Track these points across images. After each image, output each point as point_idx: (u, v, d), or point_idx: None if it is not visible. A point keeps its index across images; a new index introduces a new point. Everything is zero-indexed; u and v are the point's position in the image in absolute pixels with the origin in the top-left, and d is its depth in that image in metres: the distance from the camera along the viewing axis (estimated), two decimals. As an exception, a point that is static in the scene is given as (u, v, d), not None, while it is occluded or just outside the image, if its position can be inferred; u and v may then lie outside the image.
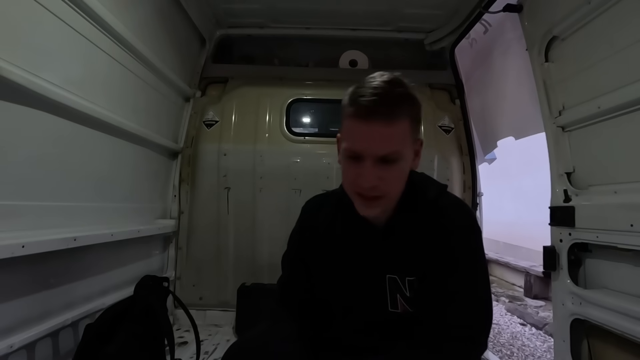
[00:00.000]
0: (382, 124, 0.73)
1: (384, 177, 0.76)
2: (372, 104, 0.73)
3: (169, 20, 1.92)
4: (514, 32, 1.95)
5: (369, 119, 0.73)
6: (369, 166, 0.75)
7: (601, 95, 1.29)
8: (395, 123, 0.74)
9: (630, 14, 1.17)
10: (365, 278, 0.89)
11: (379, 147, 0.74)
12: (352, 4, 2.12)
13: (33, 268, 1.17)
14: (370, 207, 0.81)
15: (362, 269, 0.89)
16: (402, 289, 0.85)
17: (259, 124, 2.34)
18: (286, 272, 1.07)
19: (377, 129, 0.73)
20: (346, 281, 0.92)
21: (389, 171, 0.76)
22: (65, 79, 1.26)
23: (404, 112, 0.75)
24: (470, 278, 0.82)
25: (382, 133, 0.73)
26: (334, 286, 0.96)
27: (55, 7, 1.18)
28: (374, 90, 0.74)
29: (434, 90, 2.44)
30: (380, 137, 0.73)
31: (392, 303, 0.87)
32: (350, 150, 0.77)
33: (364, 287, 0.90)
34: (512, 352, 3.08)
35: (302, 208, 1.07)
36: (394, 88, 0.76)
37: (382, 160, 0.75)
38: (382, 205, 0.81)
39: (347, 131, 0.78)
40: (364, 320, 0.92)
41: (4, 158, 1.07)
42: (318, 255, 0.97)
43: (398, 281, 0.85)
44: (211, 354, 1.76)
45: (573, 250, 1.42)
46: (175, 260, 2.22)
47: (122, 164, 1.69)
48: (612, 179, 1.30)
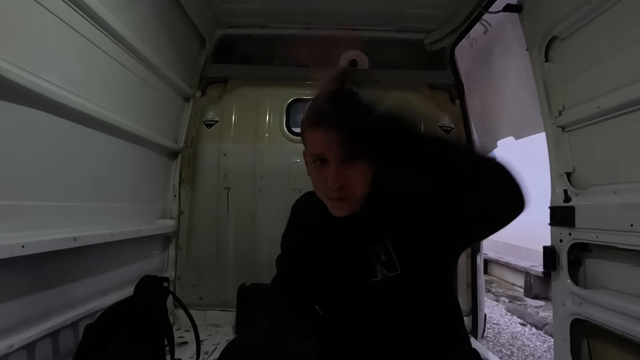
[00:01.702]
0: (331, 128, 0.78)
1: (349, 177, 0.80)
2: (318, 110, 0.80)
3: (169, 20, 1.92)
4: (514, 32, 1.94)
5: (322, 124, 0.79)
6: (334, 167, 0.80)
7: (601, 95, 1.29)
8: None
9: (630, 14, 1.17)
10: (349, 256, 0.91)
11: (338, 147, 0.78)
12: (352, 4, 2.12)
13: (33, 268, 1.17)
14: (341, 208, 0.85)
15: (347, 248, 0.92)
16: (380, 257, 0.88)
17: (259, 124, 2.34)
18: (280, 270, 1.10)
19: (329, 134, 0.78)
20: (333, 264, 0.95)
21: (353, 170, 0.80)
22: (65, 78, 1.26)
23: None
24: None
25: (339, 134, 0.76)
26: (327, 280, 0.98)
27: (55, 7, 1.18)
28: (324, 98, 0.80)
29: (434, 90, 2.44)
30: (333, 140, 0.78)
31: (373, 273, 0.88)
32: (316, 158, 0.82)
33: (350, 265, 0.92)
34: (512, 352, 3.07)
35: (292, 207, 1.12)
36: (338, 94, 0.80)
37: (346, 158, 0.79)
38: (351, 204, 0.84)
39: (309, 140, 0.84)
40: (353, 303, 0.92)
41: (4, 158, 1.07)
42: (313, 248, 1.00)
43: (379, 251, 0.88)
44: (211, 354, 1.76)
45: (573, 250, 1.42)
46: (175, 260, 2.22)
47: (122, 164, 1.70)
48: (612, 179, 1.30)
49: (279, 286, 1.08)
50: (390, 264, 0.87)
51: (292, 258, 1.07)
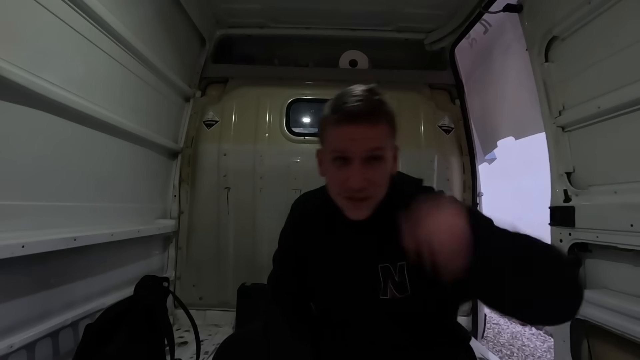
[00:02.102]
0: (366, 125, 0.78)
1: (371, 178, 0.80)
2: (356, 109, 0.78)
3: (169, 20, 1.92)
4: (514, 32, 1.95)
5: (355, 121, 0.78)
6: (358, 167, 0.79)
7: (601, 95, 1.29)
8: (377, 124, 0.79)
9: (630, 14, 1.17)
10: (357, 268, 0.90)
11: (363, 144, 0.79)
12: (352, 4, 2.12)
13: (33, 268, 1.17)
14: (359, 210, 0.84)
15: (355, 260, 0.91)
16: (393, 275, 0.86)
17: (259, 124, 2.34)
18: (276, 269, 1.09)
19: (363, 129, 0.78)
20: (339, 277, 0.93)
21: (375, 170, 0.80)
22: (65, 79, 1.26)
23: (383, 115, 0.81)
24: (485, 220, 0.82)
25: (367, 133, 0.79)
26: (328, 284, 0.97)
27: (55, 7, 1.18)
28: (356, 97, 0.80)
29: (434, 90, 2.44)
30: (365, 137, 0.79)
31: (383, 290, 0.87)
32: (336, 151, 0.81)
33: (357, 277, 0.90)
34: (512, 352, 3.07)
35: (292, 206, 1.10)
36: (373, 95, 0.81)
37: (368, 160, 0.79)
38: (369, 206, 0.84)
39: (332, 137, 0.82)
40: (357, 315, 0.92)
41: (4, 158, 1.07)
42: (310, 252, 0.98)
43: (390, 268, 0.87)
44: (211, 354, 1.76)
45: (573, 250, 1.42)
46: (175, 260, 2.22)
47: (122, 164, 1.69)
48: (612, 179, 1.30)
49: (275, 285, 1.07)
50: (402, 285, 0.85)
51: (288, 257, 1.06)
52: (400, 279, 0.85)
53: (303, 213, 1.05)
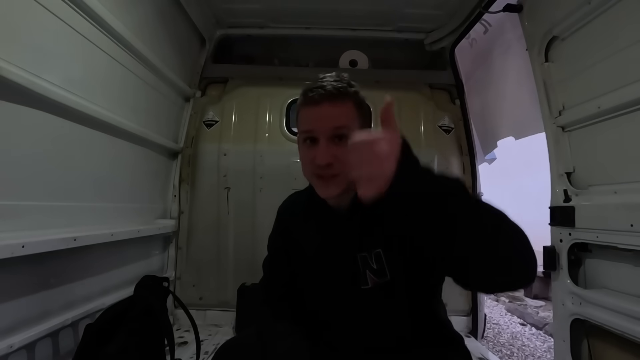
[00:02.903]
0: (329, 104, 0.83)
1: (338, 155, 0.82)
2: (320, 90, 0.84)
3: (169, 20, 1.92)
4: (514, 32, 1.95)
5: (319, 101, 0.83)
6: (323, 144, 0.83)
7: (601, 95, 1.29)
8: (341, 103, 0.84)
9: (630, 14, 1.17)
10: (337, 261, 0.91)
11: (329, 121, 0.83)
12: (352, 4, 2.12)
13: (33, 268, 1.17)
14: (328, 187, 0.86)
15: (334, 253, 0.92)
16: (370, 263, 0.87)
17: (259, 124, 2.34)
18: (266, 274, 1.12)
19: (325, 107, 0.83)
20: (320, 269, 0.94)
21: (342, 148, 0.81)
22: (65, 79, 1.26)
23: (347, 96, 0.85)
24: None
25: (330, 112, 0.83)
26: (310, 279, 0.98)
27: (55, 7, 1.18)
28: (322, 81, 0.86)
29: (434, 90, 2.44)
30: (329, 114, 0.83)
31: (363, 280, 0.88)
32: (304, 131, 0.86)
33: (338, 270, 0.91)
34: (512, 352, 3.07)
35: (278, 208, 1.12)
36: (338, 80, 0.87)
37: (334, 138, 0.83)
38: (339, 184, 0.85)
39: (301, 119, 0.88)
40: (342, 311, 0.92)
41: (4, 158, 1.07)
42: (295, 249, 1.00)
43: (367, 257, 0.87)
44: (211, 354, 1.76)
45: (573, 250, 1.42)
46: (175, 260, 2.22)
47: (122, 164, 1.69)
48: (612, 179, 1.30)
49: (266, 290, 1.09)
50: (381, 271, 0.87)
51: (278, 261, 1.07)
52: (378, 265, 0.87)
53: (289, 213, 1.07)
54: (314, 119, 0.85)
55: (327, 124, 0.83)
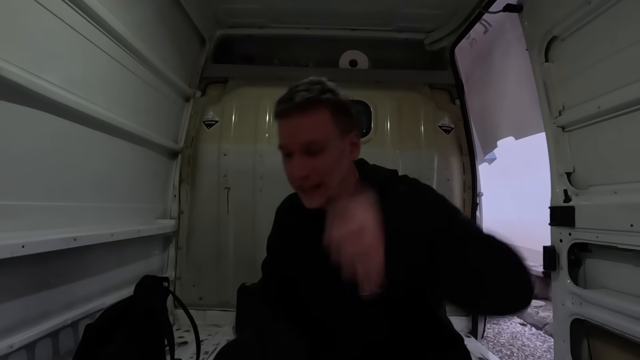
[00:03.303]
0: (298, 117, 0.79)
1: (315, 167, 0.80)
2: (288, 101, 0.80)
3: (169, 20, 1.92)
4: (514, 32, 1.95)
5: (288, 115, 0.80)
6: (298, 158, 0.81)
7: (601, 95, 1.29)
8: (311, 113, 0.79)
9: (630, 14, 1.17)
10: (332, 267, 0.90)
11: (299, 137, 0.80)
12: (352, 4, 2.11)
13: (33, 268, 1.17)
14: (311, 199, 0.85)
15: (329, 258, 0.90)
16: None
17: (259, 124, 2.34)
18: (265, 273, 1.11)
19: (295, 121, 0.80)
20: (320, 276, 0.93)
21: (318, 160, 0.80)
22: (65, 78, 1.26)
23: (320, 102, 0.80)
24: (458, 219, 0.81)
25: (299, 124, 0.80)
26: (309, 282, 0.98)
27: (55, 7, 1.18)
28: (292, 90, 0.81)
29: (434, 90, 2.44)
30: (298, 128, 0.80)
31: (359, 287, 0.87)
32: (280, 147, 0.84)
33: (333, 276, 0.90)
34: (512, 352, 3.08)
35: (276, 210, 1.11)
36: (309, 85, 0.81)
37: (308, 151, 0.80)
38: (322, 194, 0.83)
39: (278, 132, 0.84)
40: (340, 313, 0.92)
41: (4, 158, 1.07)
42: (292, 250, 0.99)
43: None
44: (211, 354, 1.76)
45: (573, 250, 1.42)
46: (175, 260, 2.22)
47: (122, 164, 1.69)
48: (612, 179, 1.30)
49: (264, 291, 1.08)
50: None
51: (276, 262, 1.07)
52: None
53: (286, 214, 1.06)
54: (285, 134, 0.82)
55: (297, 139, 0.80)
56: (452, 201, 0.87)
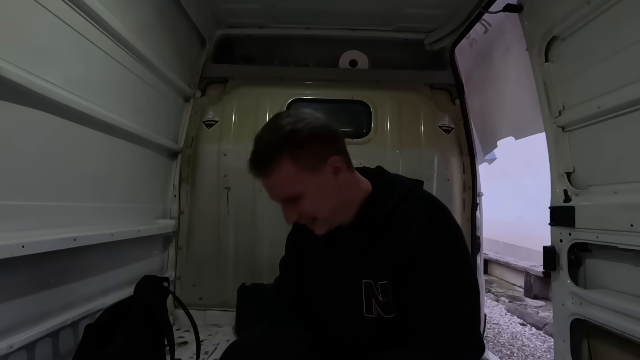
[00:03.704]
0: (262, 178, 0.83)
1: (301, 211, 0.84)
2: (250, 165, 0.84)
3: (169, 20, 1.92)
4: (514, 32, 1.94)
5: (256, 177, 0.84)
6: (284, 207, 0.86)
7: (601, 95, 1.29)
8: (271, 173, 0.81)
9: (630, 14, 1.17)
10: (342, 283, 0.90)
11: (273, 195, 0.85)
12: (352, 4, 2.11)
13: (33, 268, 1.17)
14: (317, 230, 0.88)
15: (340, 274, 0.91)
16: (376, 293, 0.86)
17: (259, 124, 2.29)
18: (282, 272, 1.12)
19: (263, 182, 0.84)
20: (325, 286, 0.95)
21: (300, 205, 0.83)
22: (65, 78, 1.26)
23: (276, 159, 0.80)
24: (453, 281, 0.81)
25: (267, 185, 0.84)
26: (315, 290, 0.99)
27: (55, 7, 1.18)
28: (252, 151, 0.85)
29: (434, 90, 2.44)
30: (269, 188, 0.85)
31: (367, 308, 0.87)
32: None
33: (342, 292, 0.91)
34: (512, 352, 3.08)
35: None
36: (263, 141, 0.83)
37: (288, 201, 0.84)
38: (321, 225, 0.87)
39: None
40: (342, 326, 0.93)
41: (4, 158, 1.07)
42: (305, 253, 1.01)
43: (372, 286, 0.86)
44: (211, 354, 1.76)
45: (573, 250, 1.42)
46: (175, 260, 2.22)
47: (122, 164, 1.69)
48: (612, 179, 1.30)
49: (279, 288, 1.10)
50: (387, 305, 0.85)
51: (291, 261, 1.08)
52: (384, 298, 0.85)
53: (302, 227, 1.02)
54: (266, 190, 0.86)
55: (274, 196, 0.85)
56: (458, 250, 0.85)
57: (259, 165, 0.83)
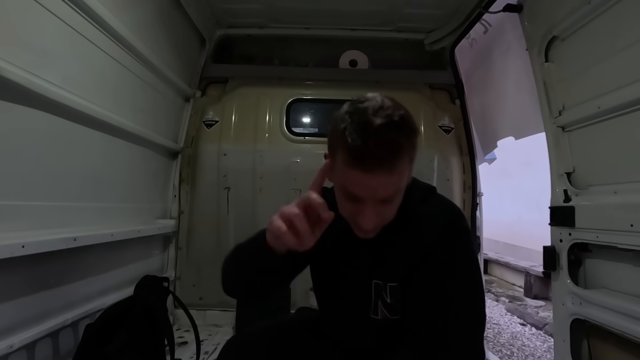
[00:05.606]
0: (383, 175, 0.69)
1: (385, 215, 0.77)
2: (373, 159, 0.68)
3: (169, 20, 1.92)
4: (514, 32, 1.94)
5: (370, 172, 0.69)
6: (369, 208, 0.73)
7: (601, 95, 1.29)
8: (396, 170, 0.70)
9: (630, 14, 1.17)
10: (353, 283, 0.90)
11: (380, 194, 0.72)
12: (352, 4, 2.12)
13: (33, 268, 1.17)
14: (366, 235, 0.80)
15: (353, 274, 0.90)
16: (383, 295, 0.85)
17: (259, 124, 2.34)
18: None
19: (379, 180, 0.70)
20: (334, 283, 0.94)
21: (387, 209, 0.76)
22: (64, 78, 1.26)
23: (404, 156, 0.70)
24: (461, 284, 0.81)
25: (382, 182, 0.70)
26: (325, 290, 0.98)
27: (55, 7, 1.18)
28: (376, 138, 0.67)
29: (434, 90, 2.44)
30: (381, 186, 0.71)
31: (374, 309, 0.87)
32: (349, 193, 0.74)
33: (351, 292, 0.90)
34: (512, 352, 3.07)
35: None
36: (394, 132, 0.69)
37: (382, 202, 0.74)
38: (377, 232, 0.80)
39: (344, 175, 0.73)
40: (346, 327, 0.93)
41: (4, 158, 1.07)
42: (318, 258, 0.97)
43: (382, 287, 0.85)
44: (211, 354, 1.76)
45: (573, 250, 1.42)
46: (175, 260, 2.22)
47: (122, 164, 1.69)
48: (612, 179, 1.30)
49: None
50: (394, 307, 0.85)
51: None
52: (392, 300, 0.84)
53: None
54: (363, 187, 0.71)
55: (377, 194, 0.72)
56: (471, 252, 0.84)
57: (390, 154, 0.68)
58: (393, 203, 0.76)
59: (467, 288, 0.80)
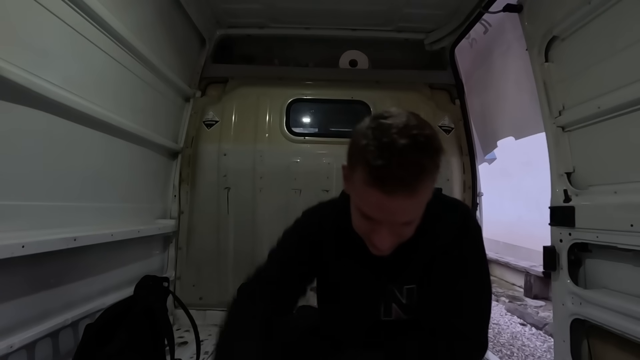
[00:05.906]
0: (404, 197, 0.66)
1: (402, 235, 0.74)
2: (395, 180, 0.64)
3: (169, 20, 1.92)
4: (514, 32, 1.95)
5: (391, 194, 0.65)
6: (386, 230, 0.71)
7: (601, 95, 1.29)
8: (417, 193, 0.67)
9: (630, 14, 1.17)
10: (368, 288, 0.90)
11: (399, 218, 0.70)
12: (352, 4, 2.12)
13: (33, 268, 1.17)
14: (381, 253, 0.78)
15: (365, 279, 0.90)
16: (398, 297, 0.87)
17: (259, 124, 2.34)
18: (270, 260, 1.02)
19: (399, 203, 0.66)
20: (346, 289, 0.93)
21: (407, 229, 0.74)
22: (64, 78, 1.26)
23: (427, 178, 0.67)
24: (475, 282, 0.85)
25: (403, 205, 0.67)
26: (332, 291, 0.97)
27: (55, 7, 1.17)
28: (399, 159, 0.63)
29: (434, 90, 2.44)
30: (402, 210, 0.68)
31: (385, 312, 0.88)
32: (366, 214, 0.71)
33: (364, 297, 0.90)
34: (512, 352, 3.07)
35: (303, 216, 1.01)
36: (418, 154, 0.64)
37: (400, 225, 0.72)
38: (390, 249, 0.77)
39: (362, 195, 0.70)
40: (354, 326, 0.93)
41: (4, 158, 1.07)
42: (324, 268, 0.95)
43: (395, 291, 0.87)
44: (211, 354, 1.76)
45: (573, 250, 1.42)
46: (175, 260, 2.22)
47: (122, 164, 1.69)
48: (612, 179, 1.30)
49: (263, 272, 1.00)
50: (409, 307, 0.87)
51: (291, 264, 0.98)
52: (408, 301, 0.87)
53: (319, 227, 0.95)
54: (380, 209, 0.68)
55: (395, 218, 0.69)
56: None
57: (413, 178, 0.64)
58: (412, 225, 0.73)
59: (480, 285, 0.85)
